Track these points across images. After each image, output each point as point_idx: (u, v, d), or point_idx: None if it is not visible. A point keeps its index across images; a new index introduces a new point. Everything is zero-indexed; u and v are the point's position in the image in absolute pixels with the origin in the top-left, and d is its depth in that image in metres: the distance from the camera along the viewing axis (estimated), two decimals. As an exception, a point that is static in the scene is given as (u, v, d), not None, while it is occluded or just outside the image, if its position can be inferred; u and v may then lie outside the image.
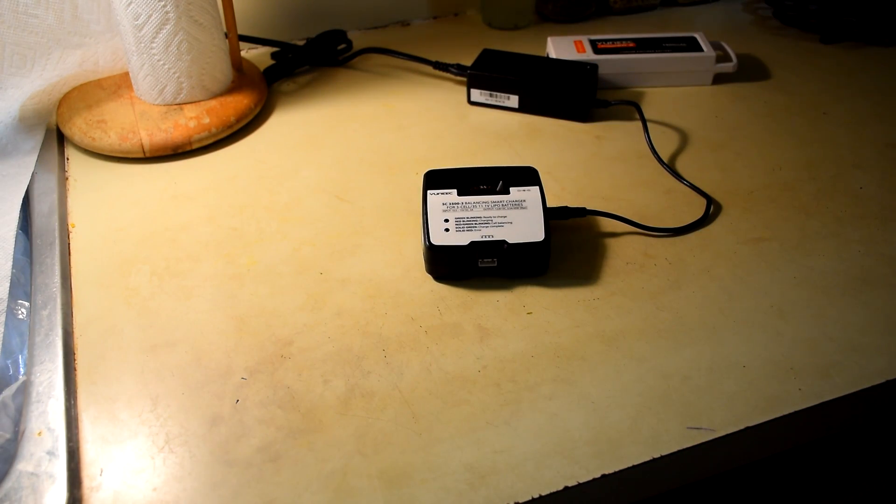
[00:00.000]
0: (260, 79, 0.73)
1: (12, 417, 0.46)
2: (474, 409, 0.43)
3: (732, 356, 0.46)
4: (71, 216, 0.58)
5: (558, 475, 0.39)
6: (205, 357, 0.46)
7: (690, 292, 0.51)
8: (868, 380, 0.45)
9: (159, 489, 0.39)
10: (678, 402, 0.43)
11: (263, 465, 0.40)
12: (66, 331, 0.48)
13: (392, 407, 0.43)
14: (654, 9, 0.90)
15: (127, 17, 0.62)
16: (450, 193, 0.53)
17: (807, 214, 0.57)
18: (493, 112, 0.71)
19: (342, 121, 0.70)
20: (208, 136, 0.65)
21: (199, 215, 0.58)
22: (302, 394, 0.44)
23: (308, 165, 0.64)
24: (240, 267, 0.53)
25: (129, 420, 0.43)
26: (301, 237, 0.56)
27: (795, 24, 0.86)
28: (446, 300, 0.50)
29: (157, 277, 0.52)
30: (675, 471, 0.42)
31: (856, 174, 0.62)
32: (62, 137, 0.67)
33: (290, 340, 0.47)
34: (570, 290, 0.51)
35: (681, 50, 0.74)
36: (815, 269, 0.53)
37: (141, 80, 0.66)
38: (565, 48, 0.75)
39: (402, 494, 0.39)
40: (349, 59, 0.79)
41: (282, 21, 0.82)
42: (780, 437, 0.44)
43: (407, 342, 0.47)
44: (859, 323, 0.48)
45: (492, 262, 0.50)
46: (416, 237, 0.55)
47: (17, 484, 0.39)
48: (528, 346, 0.47)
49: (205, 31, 0.65)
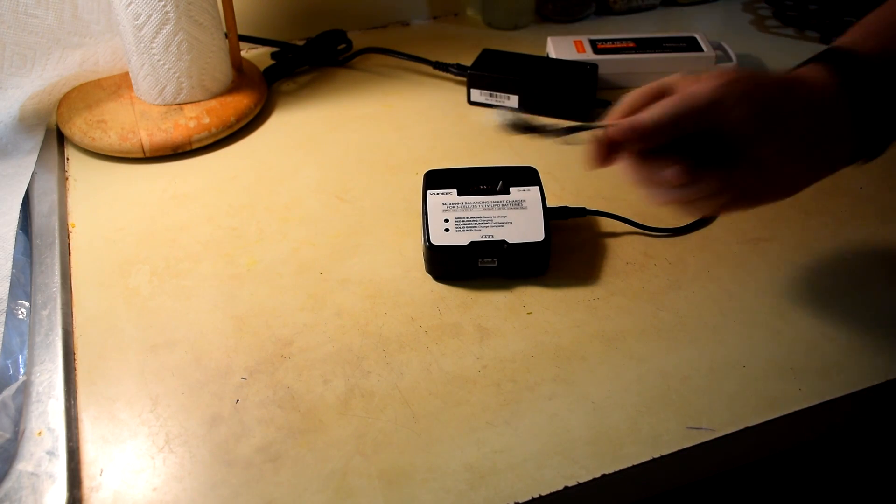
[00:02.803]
0: (260, 79, 0.73)
1: (12, 417, 0.46)
2: (474, 409, 0.43)
3: (732, 356, 0.46)
4: (71, 216, 0.58)
5: (558, 475, 0.39)
6: (205, 357, 0.46)
7: (690, 292, 0.51)
8: (868, 380, 0.45)
9: (159, 489, 0.39)
10: (678, 402, 0.43)
11: (263, 465, 0.40)
12: (66, 331, 0.48)
13: (392, 407, 0.43)
14: (654, 9, 0.90)
15: (127, 17, 0.62)
16: (450, 193, 0.53)
17: (807, 214, 0.57)
18: (493, 112, 0.71)
19: (342, 121, 0.70)
20: (208, 136, 0.65)
21: (199, 215, 0.58)
22: (302, 394, 0.44)
23: (308, 165, 0.64)
24: (240, 267, 0.53)
25: (129, 420, 0.43)
26: (301, 237, 0.56)
27: (795, 24, 0.86)
28: (446, 300, 0.50)
29: (157, 277, 0.52)
30: (675, 471, 0.42)
31: (856, 174, 0.61)
32: (62, 137, 0.67)
33: (290, 340, 0.47)
34: (570, 290, 0.51)
35: (681, 50, 0.74)
36: (815, 269, 0.53)
37: (141, 80, 0.66)
38: (565, 48, 0.75)
39: (402, 494, 0.39)
40: (349, 59, 0.79)
41: (282, 21, 0.82)
42: (780, 437, 0.44)
43: (407, 342, 0.47)
44: (859, 323, 0.48)
45: (492, 262, 0.50)
46: (416, 237, 0.55)
47: (17, 484, 0.39)
48: (528, 346, 0.47)
49: (205, 31, 0.65)
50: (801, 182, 0.40)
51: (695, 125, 0.38)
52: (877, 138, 0.39)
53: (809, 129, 0.38)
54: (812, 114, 0.38)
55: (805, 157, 0.38)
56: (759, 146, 0.38)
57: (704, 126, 0.38)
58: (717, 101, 0.37)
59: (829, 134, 0.39)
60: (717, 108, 0.37)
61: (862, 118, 0.38)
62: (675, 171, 0.37)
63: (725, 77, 0.37)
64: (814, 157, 0.39)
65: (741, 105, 0.37)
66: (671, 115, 0.37)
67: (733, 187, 0.38)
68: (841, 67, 0.39)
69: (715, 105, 0.37)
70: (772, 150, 0.38)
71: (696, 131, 0.38)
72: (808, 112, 0.38)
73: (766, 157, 0.38)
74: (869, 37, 0.40)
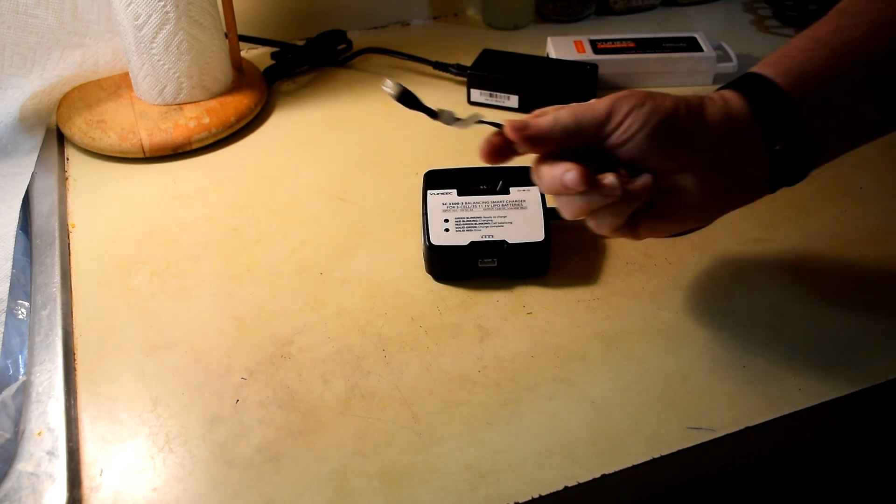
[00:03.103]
0: (260, 79, 0.73)
1: (12, 417, 0.46)
2: (474, 409, 0.43)
3: (732, 356, 0.46)
4: (71, 216, 0.58)
5: (558, 475, 0.39)
6: (205, 357, 0.46)
7: (690, 292, 0.51)
8: (868, 380, 0.45)
9: (159, 489, 0.39)
10: (678, 402, 0.43)
11: (263, 465, 0.40)
12: (66, 331, 0.48)
13: (392, 407, 0.43)
14: (654, 9, 0.90)
15: (127, 17, 0.62)
16: (450, 193, 0.53)
17: (807, 214, 0.57)
18: (493, 112, 0.71)
19: (342, 121, 0.70)
20: (208, 136, 0.65)
21: (199, 215, 0.58)
22: (302, 394, 0.44)
23: (308, 165, 0.64)
24: (240, 267, 0.53)
25: (129, 420, 0.43)
26: (301, 237, 0.56)
27: (795, 24, 0.86)
28: (446, 300, 0.50)
29: (157, 277, 0.52)
30: (675, 471, 0.42)
31: (856, 174, 0.62)
32: (62, 137, 0.67)
33: (290, 340, 0.47)
34: (570, 290, 0.51)
35: (681, 50, 0.74)
36: (815, 268, 0.53)
37: (141, 80, 0.66)
38: (565, 48, 0.75)
39: (402, 494, 0.39)
40: (349, 59, 0.79)
41: (282, 21, 0.82)
42: (780, 437, 0.44)
43: (407, 342, 0.47)
44: (859, 323, 0.48)
45: (492, 262, 0.50)
46: (416, 237, 0.55)
47: (17, 484, 0.39)
48: (528, 346, 0.47)
49: (205, 31, 0.65)
50: (716, 203, 0.40)
51: (583, 136, 0.38)
52: (794, 166, 0.39)
53: (719, 153, 0.38)
54: (722, 138, 0.38)
55: (716, 178, 0.38)
56: (656, 163, 0.38)
57: (595, 137, 0.38)
58: (607, 114, 0.38)
59: (743, 160, 0.38)
60: (607, 122, 0.38)
61: (775, 146, 0.38)
62: (572, 175, 0.37)
63: (622, 94, 0.38)
64: (728, 181, 0.39)
65: (630, 121, 0.37)
66: (561, 123, 0.38)
67: (634, 198, 0.38)
68: (754, 95, 0.38)
69: (605, 118, 0.38)
70: (673, 168, 0.38)
71: (588, 143, 0.39)
72: (718, 135, 0.38)
73: (667, 174, 0.38)
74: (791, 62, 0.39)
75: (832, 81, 0.38)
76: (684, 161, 0.38)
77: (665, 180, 0.38)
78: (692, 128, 0.38)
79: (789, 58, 0.39)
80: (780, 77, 0.38)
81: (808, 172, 0.39)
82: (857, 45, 0.38)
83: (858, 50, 0.38)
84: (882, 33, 0.38)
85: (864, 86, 0.39)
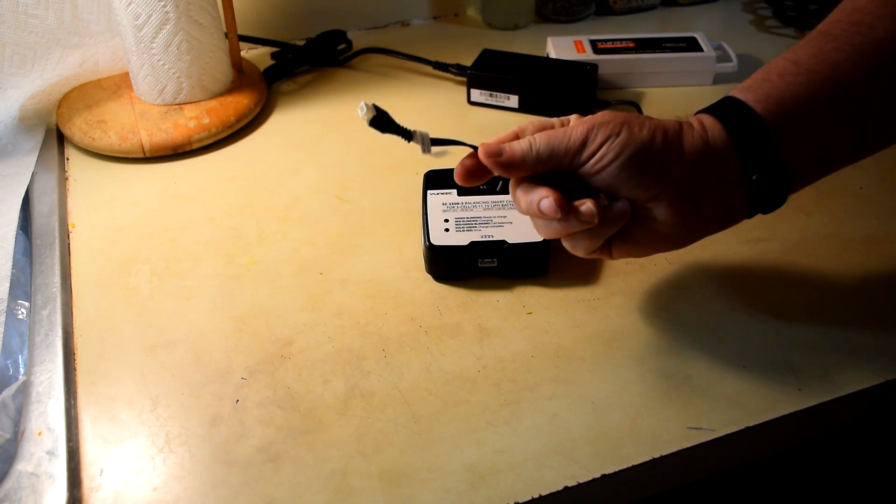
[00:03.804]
0: (260, 79, 0.73)
1: (12, 417, 0.46)
2: (474, 409, 0.43)
3: (732, 356, 0.46)
4: (71, 216, 0.58)
5: (558, 475, 0.39)
6: (205, 357, 0.46)
7: (690, 292, 0.51)
8: (868, 380, 0.45)
9: (159, 489, 0.39)
10: (678, 402, 0.43)
11: (263, 465, 0.40)
12: (66, 331, 0.48)
13: (392, 407, 0.43)
14: (654, 9, 0.90)
15: (127, 17, 0.62)
16: (450, 193, 0.53)
17: (807, 214, 0.57)
18: (493, 112, 0.71)
19: (342, 121, 0.70)
20: (208, 136, 0.65)
21: (199, 215, 0.58)
22: (302, 394, 0.44)
23: (308, 165, 0.64)
24: (240, 267, 0.53)
25: (129, 420, 0.43)
26: (301, 237, 0.56)
27: (795, 24, 0.86)
28: (446, 300, 0.50)
29: (157, 277, 0.52)
30: (675, 471, 0.42)
31: (856, 174, 0.62)
32: (62, 137, 0.67)
33: (290, 340, 0.47)
34: (570, 290, 0.51)
35: (681, 50, 0.74)
36: (815, 269, 0.53)
37: (141, 80, 0.66)
38: (565, 48, 0.75)
39: (402, 494, 0.39)
40: (349, 59, 0.79)
41: (282, 21, 0.82)
42: (780, 437, 0.44)
43: (407, 342, 0.47)
44: (859, 323, 0.48)
45: (492, 262, 0.50)
46: (416, 237, 0.55)
47: (17, 484, 0.39)
48: (528, 346, 0.47)
49: (205, 31, 0.65)
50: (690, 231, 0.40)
51: (557, 164, 0.38)
52: (771, 193, 0.39)
53: (693, 183, 0.38)
54: (700, 165, 0.38)
55: (690, 208, 0.38)
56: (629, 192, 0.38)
57: (569, 165, 0.38)
58: (582, 142, 0.38)
59: (721, 187, 0.38)
60: (581, 150, 0.38)
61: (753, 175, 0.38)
62: (548, 202, 0.37)
63: (599, 120, 0.38)
64: (704, 209, 0.39)
65: (604, 150, 0.37)
66: (535, 151, 0.38)
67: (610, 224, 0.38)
68: (732, 123, 0.38)
69: (579, 147, 0.38)
70: (647, 198, 0.38)
71: (562, 169, 0.39)
72: (694, 164, 0.38)
73: (641, 203, 0.38)
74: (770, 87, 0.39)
75: (811, 108, 0.38)
76: (658, 191, 0.38)
77: (639, 208, 0.39)
78: (667, 158, 0.38)
79: (769, 83, 0.39)
80: (758, 104, 0.38)
81: (785, 199, 0.39)
82: (837, 70, 0.38)
83: (838, 76, 0.38)
84: (862, 59, 0.38)
85: (843, 112, 0.39)
